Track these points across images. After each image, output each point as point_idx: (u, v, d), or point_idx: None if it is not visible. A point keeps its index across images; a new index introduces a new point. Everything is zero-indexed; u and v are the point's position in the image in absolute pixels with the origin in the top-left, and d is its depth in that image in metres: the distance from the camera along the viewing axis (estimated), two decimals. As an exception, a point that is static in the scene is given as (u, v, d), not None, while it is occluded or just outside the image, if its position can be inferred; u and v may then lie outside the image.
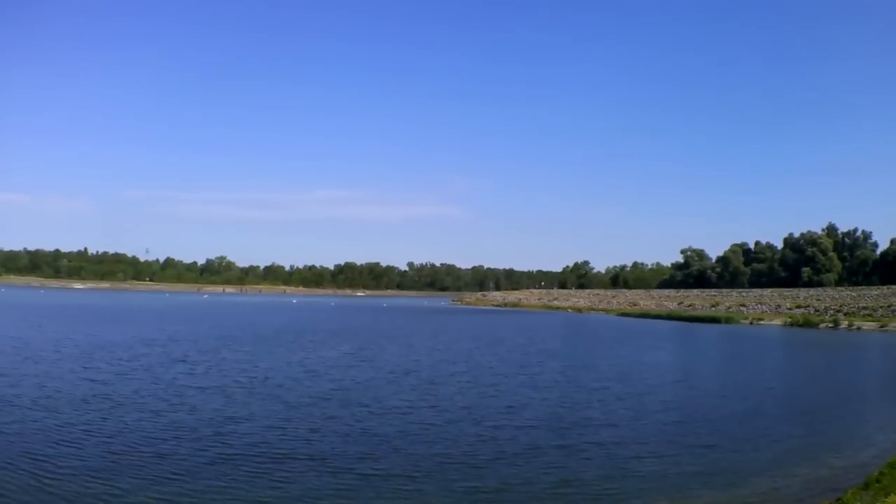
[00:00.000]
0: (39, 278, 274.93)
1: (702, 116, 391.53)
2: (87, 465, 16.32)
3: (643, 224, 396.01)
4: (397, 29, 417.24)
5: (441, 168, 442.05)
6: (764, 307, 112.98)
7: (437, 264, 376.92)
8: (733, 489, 16.12)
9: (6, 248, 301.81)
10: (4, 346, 40.97)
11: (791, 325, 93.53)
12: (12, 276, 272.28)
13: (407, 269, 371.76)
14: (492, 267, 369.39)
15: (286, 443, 19.30)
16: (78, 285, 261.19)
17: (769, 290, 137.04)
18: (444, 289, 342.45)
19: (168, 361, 36.62)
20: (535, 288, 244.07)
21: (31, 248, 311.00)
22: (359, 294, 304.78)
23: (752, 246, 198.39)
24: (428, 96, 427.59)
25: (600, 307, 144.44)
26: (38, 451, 17.42)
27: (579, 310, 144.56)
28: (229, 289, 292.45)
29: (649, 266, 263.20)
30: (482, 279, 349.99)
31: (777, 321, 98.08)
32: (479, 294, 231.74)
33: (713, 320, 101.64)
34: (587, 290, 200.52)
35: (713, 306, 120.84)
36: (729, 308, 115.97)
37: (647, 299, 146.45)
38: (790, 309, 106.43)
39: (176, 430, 20.29)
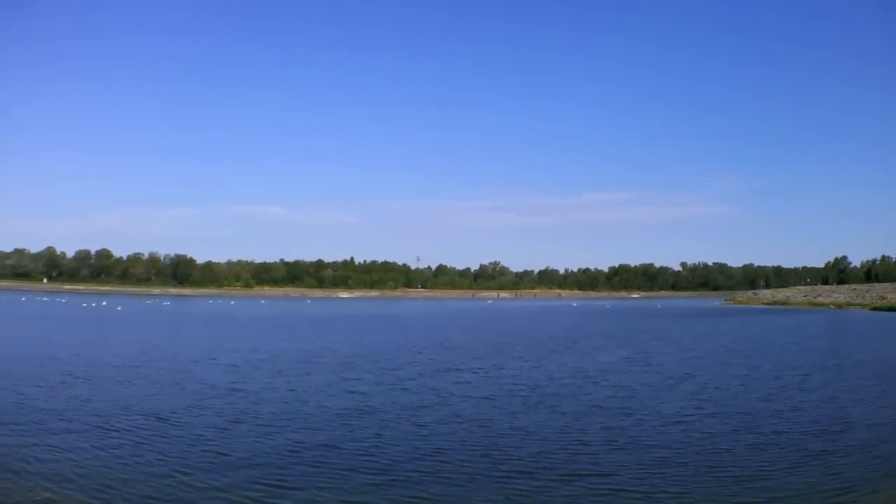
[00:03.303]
0: (299, 289, 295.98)
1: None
2: (341, 487, 16.38)
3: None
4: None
5: (709, 166, 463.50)
6: None
7: (710, 263, 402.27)
8: None
9: (258, 260, 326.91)
10: (251, 358, 42.42)
11: None
12: (266, 288, 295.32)
13: (680, 269, 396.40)
14: (761, 265, 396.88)
15: (563, 458, 19.08)
16: (344, 294, 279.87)
17: None
18: (716, 288, 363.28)
19: (436, 370, 37.72)
20: (801, 285, 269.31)
21: (288, 259, 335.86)
22: (633, 296, 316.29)
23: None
24: (692, 96, 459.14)
25: (857, 302, 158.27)
26: (278, 475, 17.22)
27: (839, 305, 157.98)
28: (504, 294, 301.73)
29: (894, 259, 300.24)
30: (753, 277, 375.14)
31: None
32: (750, 293, 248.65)
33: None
34: (845, 286, 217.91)
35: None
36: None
37: (892, 292, 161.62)
38: None
39: (444, 445, 20.46)
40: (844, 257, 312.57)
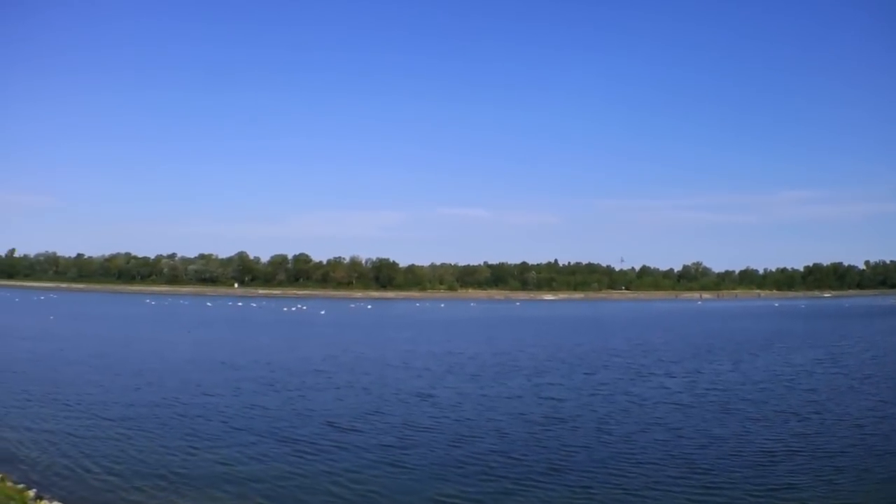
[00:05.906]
0: (503, 291, 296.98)
1: None
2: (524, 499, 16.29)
3: None
4: None
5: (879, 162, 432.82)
6: None
7: (887, 262, 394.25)
8: None
9: (461, 263, 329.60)
10: (446, 362, 42.50)
11: None
12: (470, 290, 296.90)
13: (864, 267, 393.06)
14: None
15: (750, 468, 18.81)
16: (548, 296, 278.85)
17: None
18: (894, 286, 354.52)
19: (633, 375, 37.16)
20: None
21: (492, 261, 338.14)
22: (825, 295, 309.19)
23: None
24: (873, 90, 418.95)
25: None
26: (457, 488, 17.04)
27: None
28: (706, 294, 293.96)
29: None
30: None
31: None
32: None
33: None
34: None
35: None
36: None
37: None
38: None
39: (632, 454, 20.21)
40: None
